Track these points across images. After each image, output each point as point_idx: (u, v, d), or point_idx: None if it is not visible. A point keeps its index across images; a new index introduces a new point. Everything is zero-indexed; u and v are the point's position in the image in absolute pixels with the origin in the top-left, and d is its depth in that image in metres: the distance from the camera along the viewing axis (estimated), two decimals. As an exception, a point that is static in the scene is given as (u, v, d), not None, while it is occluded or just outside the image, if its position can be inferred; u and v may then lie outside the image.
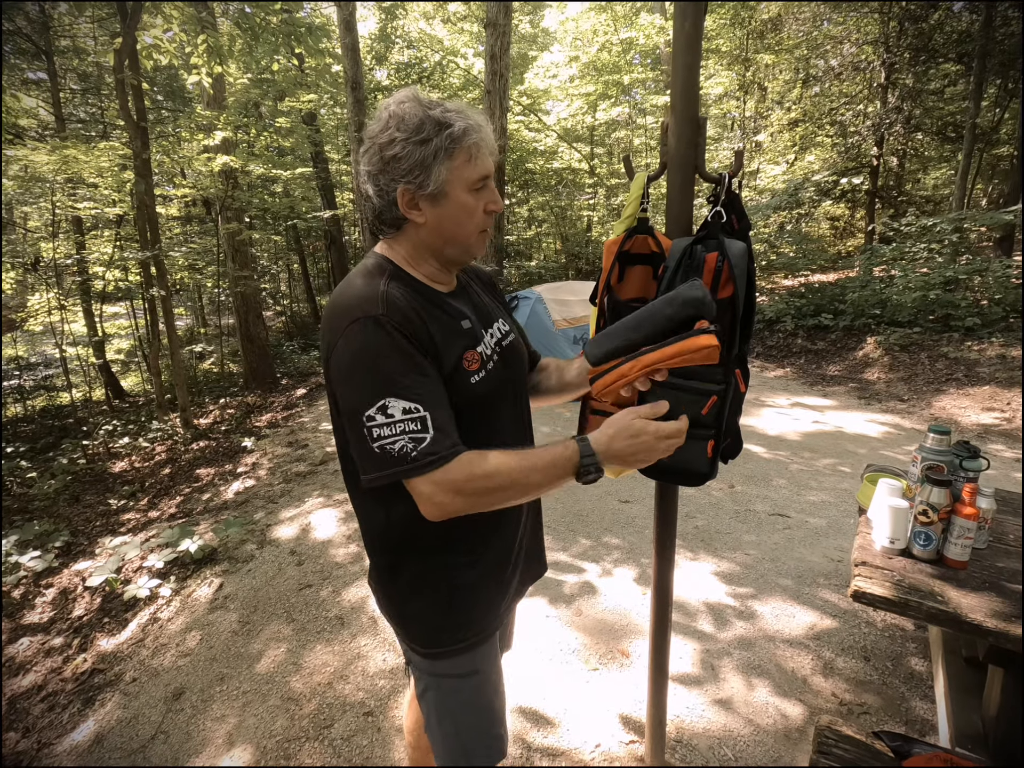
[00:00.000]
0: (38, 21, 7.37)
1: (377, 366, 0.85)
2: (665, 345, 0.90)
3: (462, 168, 0.91)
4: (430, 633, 1.04)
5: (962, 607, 1.30)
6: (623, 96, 13.12)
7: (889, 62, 9.52)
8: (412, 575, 1.03)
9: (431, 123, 0.88)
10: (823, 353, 7.23)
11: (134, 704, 2.17)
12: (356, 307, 0.88)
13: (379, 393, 0.84)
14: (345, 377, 0.87)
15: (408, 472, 0.84)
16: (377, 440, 0.84)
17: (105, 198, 6.88)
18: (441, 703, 1.09)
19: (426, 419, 0.84)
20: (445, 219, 0.94)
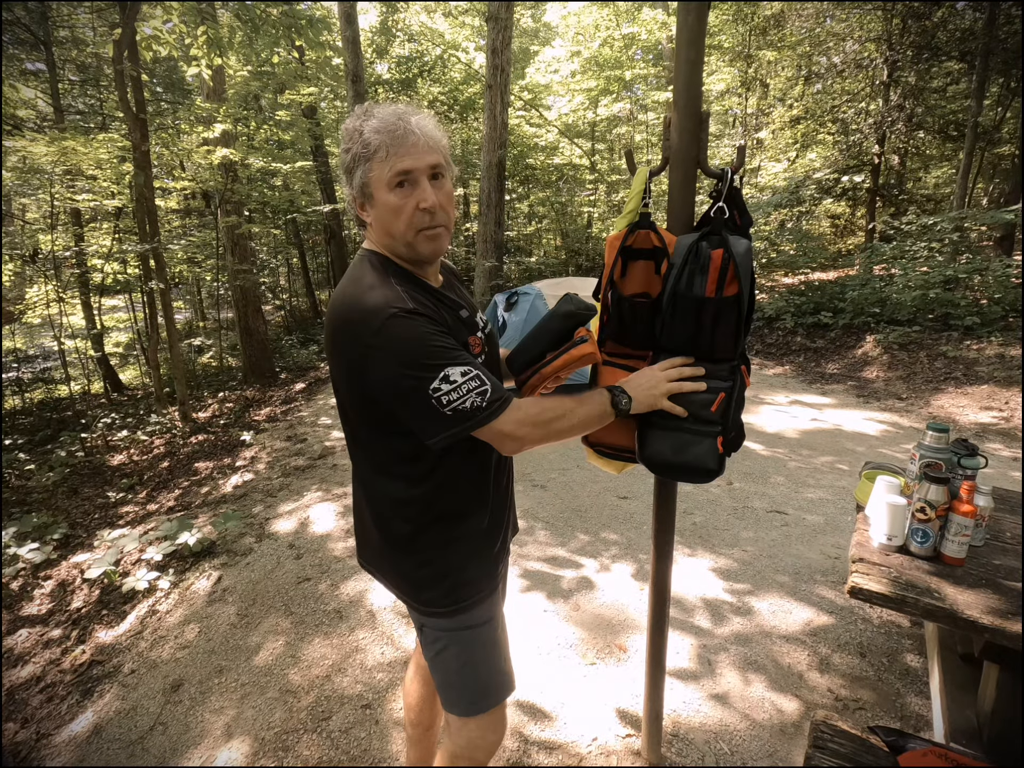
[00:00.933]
0: (37, 11, 7.32)
1: (428, 345, 0.94)
2: (556, 358, 1.17)
3: (376, 168, 0.97)
4: (452, 591, 1.13)
5: (958, 603, 1.31)
6: (625, 92, 13.09)
7: (892, 60, 9.49)
8: (435, 540, 1.11)
9: (354, 132, 0.98)
10: (822, 351, 7.24)
11: (132, 696, 2.18)
12: (385, 304, 0.95)
13: (439, 366, 0.93)
14: (401, 363, 0.94)
15: (487, 418, 0.96)
16: (449, 404, 0.94)
17: (104, 190, 6.84)
18: (462, 654, 1.17)
19: (480, 375, 0.96)
20: (379, 218, 1.02)
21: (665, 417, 1.23)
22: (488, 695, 1.21)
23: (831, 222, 13.83)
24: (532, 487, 3.79)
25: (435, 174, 1.00)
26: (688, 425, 1.21)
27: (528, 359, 1.22)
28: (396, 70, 13.35)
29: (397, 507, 1.11)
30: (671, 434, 1.23)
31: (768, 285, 9.75)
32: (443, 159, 1.01)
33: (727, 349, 1.20)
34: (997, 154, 10.76)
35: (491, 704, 1.21)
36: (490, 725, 1.23)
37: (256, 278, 8.40)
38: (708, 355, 1.22)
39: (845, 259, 10.36)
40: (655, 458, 1.26)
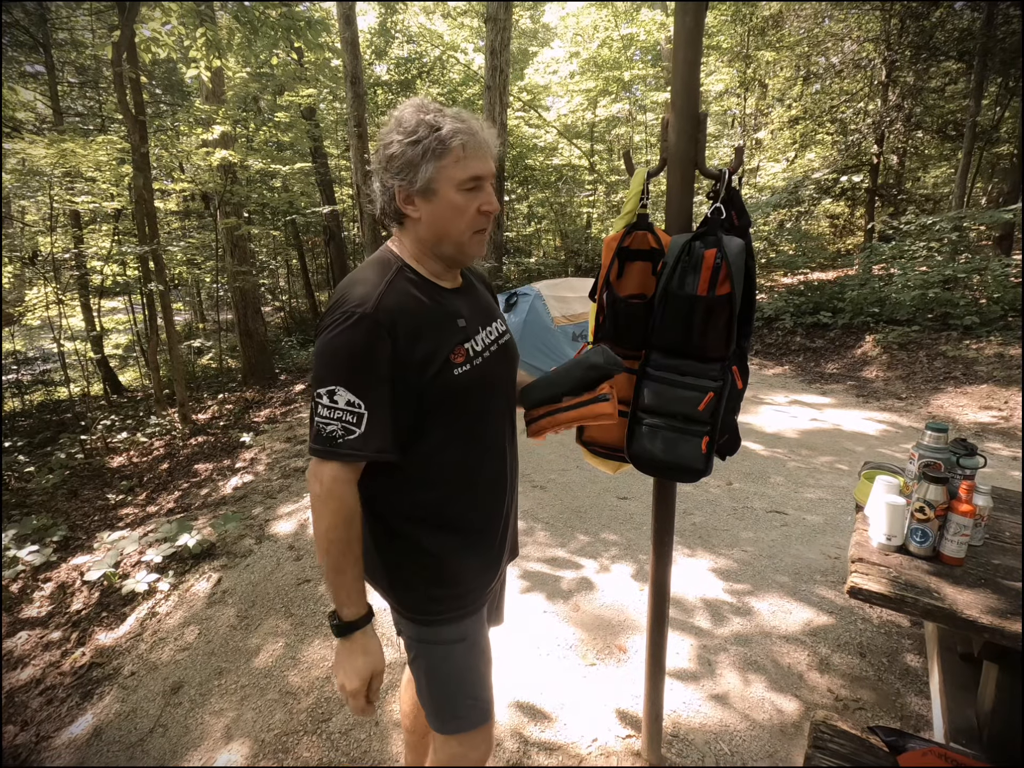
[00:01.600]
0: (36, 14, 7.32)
1: (342, 356, 0.95)
2: (573, 408, 1.15)
3: (450, 168, 0.97)
4: (421, 602, 1.10)
5: (958, 603, 1.31)
6: (623, 92, 13.08)
7: (890, 60, 9.49)
8: (403, 544, 1.09)
9: (424, 126, 0.96)
10: (822, 351, 7.24)
11: (132, 698, 2.17)
12: (352, 300, 0.96)
13: (333, 380, 0.94)
14: (317, 356, 0.97)
15: (322, 453, 0.96)
16: (317, 418, 0.95)
17: (103, 192, 6.84)
18: (431, 669, 1.14)
19: (363, 417, 0.94)
20: (436, 216, 1.00)
21: (652, 414, 1.24)
22: (457, 718, 1.17)
23: (830, 222, 13.83)
24: (532, 488, 3.78)
25: (491, 182, 1.04)
26: (676, 424, 1.22)
27: (544, 398, 1.19)
28: (395, 71, 13.35)
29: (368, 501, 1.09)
30: (658, 432, 1.23)
31: (767, 285, 9.76)
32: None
33: (718, 348, 1.21)
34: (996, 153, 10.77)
35: (462, 728, 1.17)
36: (470, 745, 1.19)
37: (255, 280, 8.40)
38: (699, 354, 1.22)
39: (844, 259, 10.36)
40: (641, 455, 1.27)
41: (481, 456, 1.11)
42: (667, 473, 1.30)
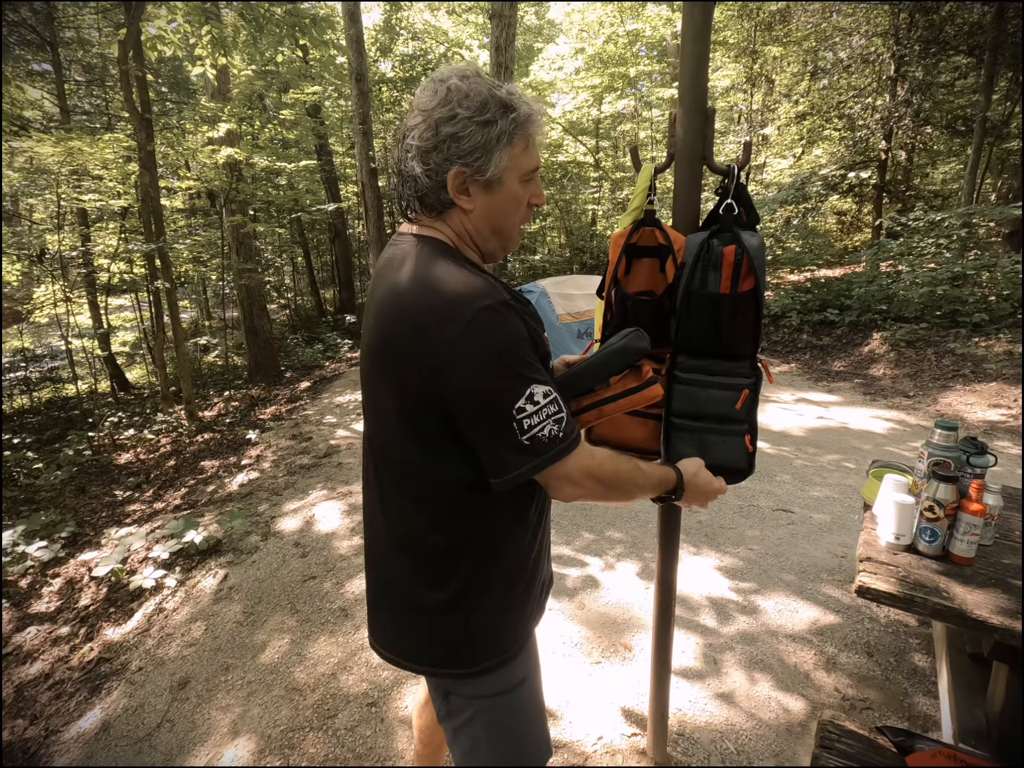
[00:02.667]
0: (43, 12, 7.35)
1: (521, 354, 0.81)
2: (623, 397, 1.08)
3: (519, 156, 0.86)
4: (490, 645, 0.96)
5: (967, 603, 1.30)
6: (629, 89, 13.01)
7: (899, 54, 9.40)
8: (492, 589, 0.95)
9: (496, 104, 0.83)
10: (828, 349, 7.20)
11: (140, 693, 2.19)
12: (477, 294, 0.79)
13: (527, 381, 0.79)
14: (488, 367, 0.78)
15: (561, 454, 0.82)
16: (528, 431, 0.79)
17: (110, 190, 6.88)
18: (494, 723, 1.00)
19: (558, 399, 0.83)
20: (495, 208, 0.88)
21: (691, 418, 1.22)
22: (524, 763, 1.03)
23: (837, 219, 13.73)
24: (537, 485, 3.78)
25: None
26: (715, 425, 1.20)
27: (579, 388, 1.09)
28: (400, 68, 13.34)
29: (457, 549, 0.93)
30: (698, 436, 1.22)
31: (774, 282, 9.71)
32: None
33: (746, 344, 1.20)
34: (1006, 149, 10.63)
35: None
36: None
37: (261, 277, 8.42)
38: (728, 352, 1.21)
39: (851, 256, 10.29)
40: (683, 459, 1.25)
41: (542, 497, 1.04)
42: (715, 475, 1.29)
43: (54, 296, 6.70)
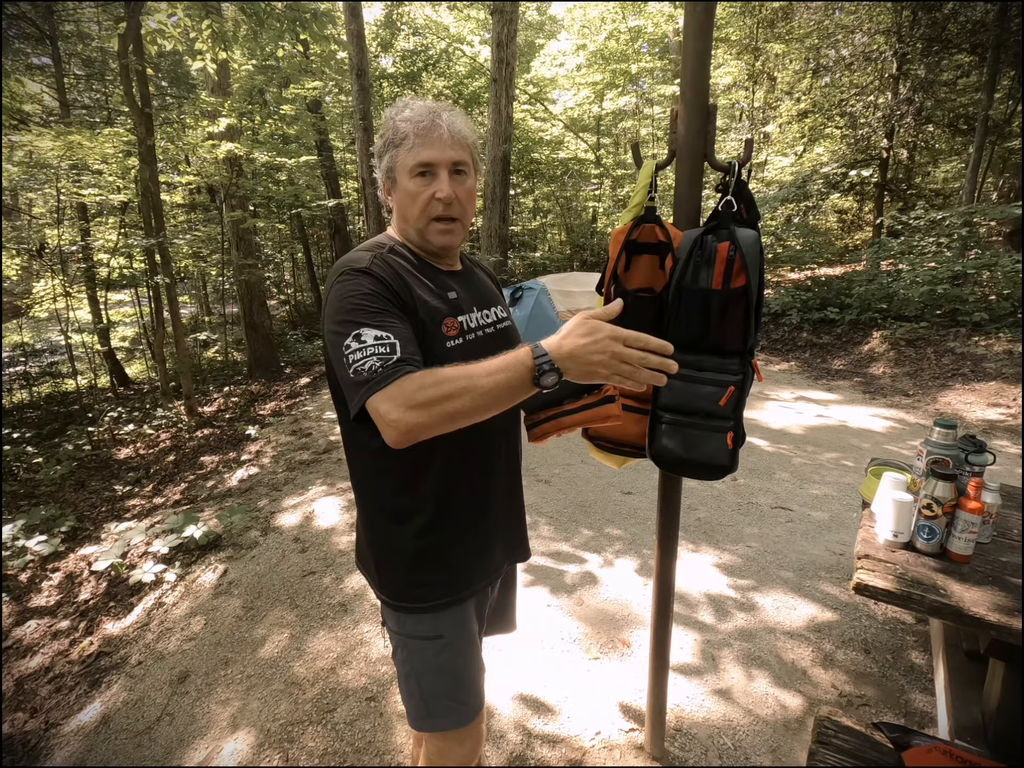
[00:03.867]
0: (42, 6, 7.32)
1: (356, 303, 0.92)
2: (578, 411, 1.10)
3: (403, 156, 1.01)
4: (399, 587, 1.10)
5: (965, 601, 1.30)
6: (630, 85, 12.99)
7: (901, 52, 9.37)
8: (386, 522, 1.09)
9: (388, 120, 1.04)
10: (828, 347, 7.20)
11: (140, 687, 2.20)
12: (347, 264, 0.99)
13: (355, 323, 0.90)
14: (330, 318, 0.94)
15: (372, 387, 0.84)
16: (352, 365, 0.87)
17: (110, 185, 6.86)
18: (407, 661, 1.13)
19: (395, 345, 0.88)
20: (398, 203, 1.06)
21: (673, 412, 1.22)
22: (431, 717, 1.14)
23: (838, 217, 13.70)
24: (536, 482, 3.79)
25: (457, 170, 1.03)
26: (698, 420, 1.20)
27: (546, 400, 1.13)
28: (401, 64, 13.29)
29: (354, 484, 1.13)
30: (680, 430, 1.22)
31: (774, 280, 9.70)
32: (468, 157, 1.05)
33: (736, 341, 1.20)
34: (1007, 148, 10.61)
35: (435, 727, 1.15)
36: (455, 740, 1.16)
37: (261, 273, 8.42)
38: (717, 348, 1.21)
39: (852, 254, 10.28)
40: (664, 455, 1.25)
41: (473, 438, 1.02)
42: (692, 471, 1.28)
43: (54, 291, 6.70)
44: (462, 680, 1.14)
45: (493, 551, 1.16)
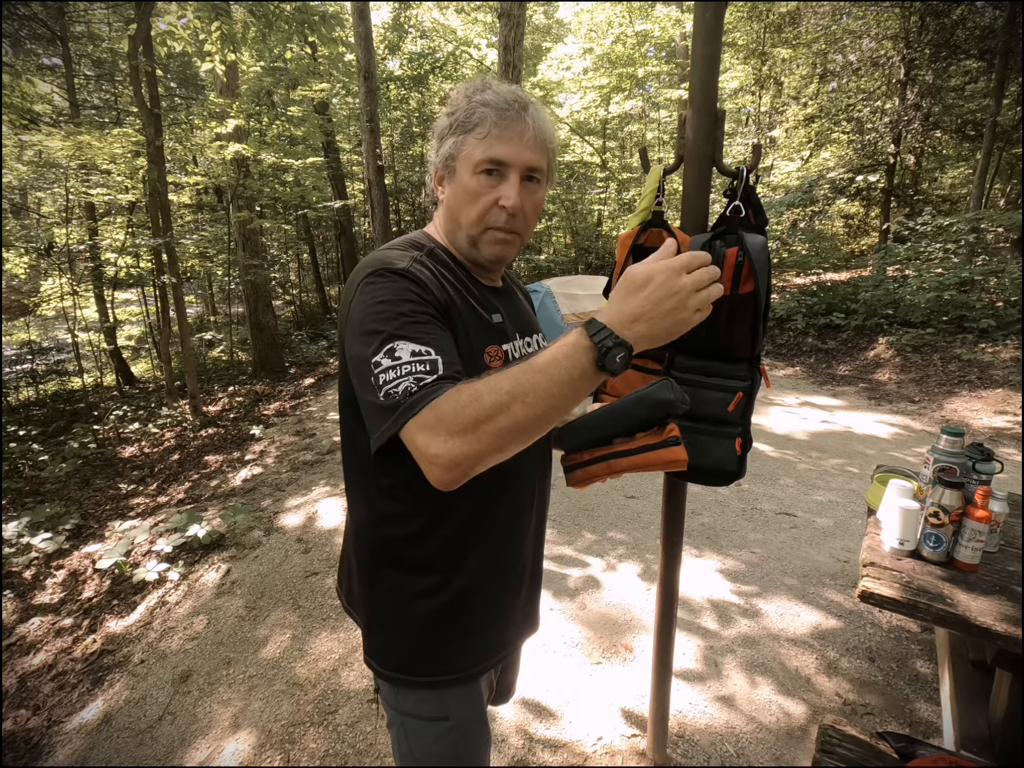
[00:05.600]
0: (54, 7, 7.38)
1: (391, 310, 0.75)
2: (637, 453, 0.92)
3: (470, 145, 0.84)
4: (397, 655, 0.92)
5: (971, 610, 1.29)
6: (637, 89, 13.00)
7: (909, 58, 9.35)
8: (389, 587, 0.92)
9: (462, 99, 0.86)
10: (834, 352, 7.17)
11: (142, 685, 2.20)
12: (380, 263, 0.81)
13: (390, 336, 0.73)
14: (358, 326, 0.76)
15: (403, 413, 0.69)
16: (383, 387, 0.71)
17: (118, 184, 6.90)
18: (402, 742, 0.96)
19: (437, 362, 0.72)
20: (451, 197, 0.88)
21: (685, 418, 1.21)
22: None
23: (844, 222, 13.67)
24: (539, 485, 3.78)
25: (531, 176, 0.86)
26: (706, 427, 1.20)
27: (587, 439, 0.97)
28: (408, 66, 13.35)
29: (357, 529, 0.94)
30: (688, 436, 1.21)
31: (780, 285, 9.68)
32: (546, 164, 0.89)
33: (744, 347, 1.19)
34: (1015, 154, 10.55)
35: None
36: None
37: (267, 273, 8.45)
38: (725, 354, 1.21)
39: (858, 260, 10.25)
40: None
41: (503, 490, 0.90)
42: (700, 478, 1.27)
43: (61, 289, 6.74)
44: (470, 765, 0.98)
45: (516, 617, 1.01)
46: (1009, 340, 5.97)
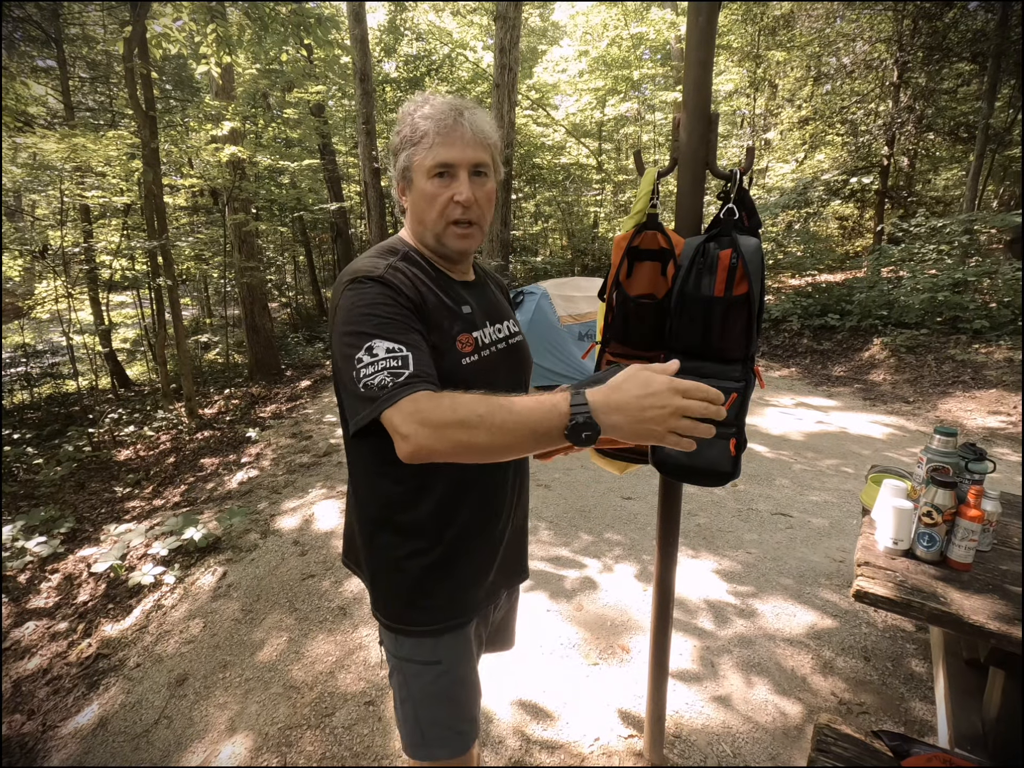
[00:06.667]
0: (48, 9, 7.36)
1: (369, 313, 0.89)
2: None
3: (421, 154, 0.96)
4: (396, 609, 1.06)
5: (965, 609, 1.30)
6: (632, 92, 13.03)
7: (902, 61, 9.42)
8: (385, 549, 1.05)
9: (406, 116, 0.98)
10: (829, 353, 7.20)
11: (138, 689, 2.19)
12: (359, 270, 0.94)
13: (367, 335, 0.87)
14: (341, 328, 0.90)
15: (383, 402, 0.81)
16: (362, 379, 0.84)
17: (113, 187, 6.89)
18: (402, 686, 1.09)
19: (408, 358, 0.85)
20: (413, 204, 1.01)
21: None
22: (427, 746, 1.09)
23: (839, 224, 13.74)
24: (536, 486, 3.79)
25: (477, 171, 0.98)
26: None
27: None
28: (404, 69, 13.37)
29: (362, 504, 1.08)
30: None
31: (775, 287, 9.72)
32: (490, 158, 0.99)
33: (738, 348, 1.20)
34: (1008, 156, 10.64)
35: (428, 757, 1.10)
36: None
37: (263, 275, 8.43)
38: (719, 355, 1.22)
39: (853, 261, 10.30)
40: (667, 462, 1.26)
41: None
42: (694, 478, 1.27)
43: (56, 292, 6.71)
44: (459, 708, 1.10)
45: (496, 573, 1.13)
46: (1003, 341, 6.01)
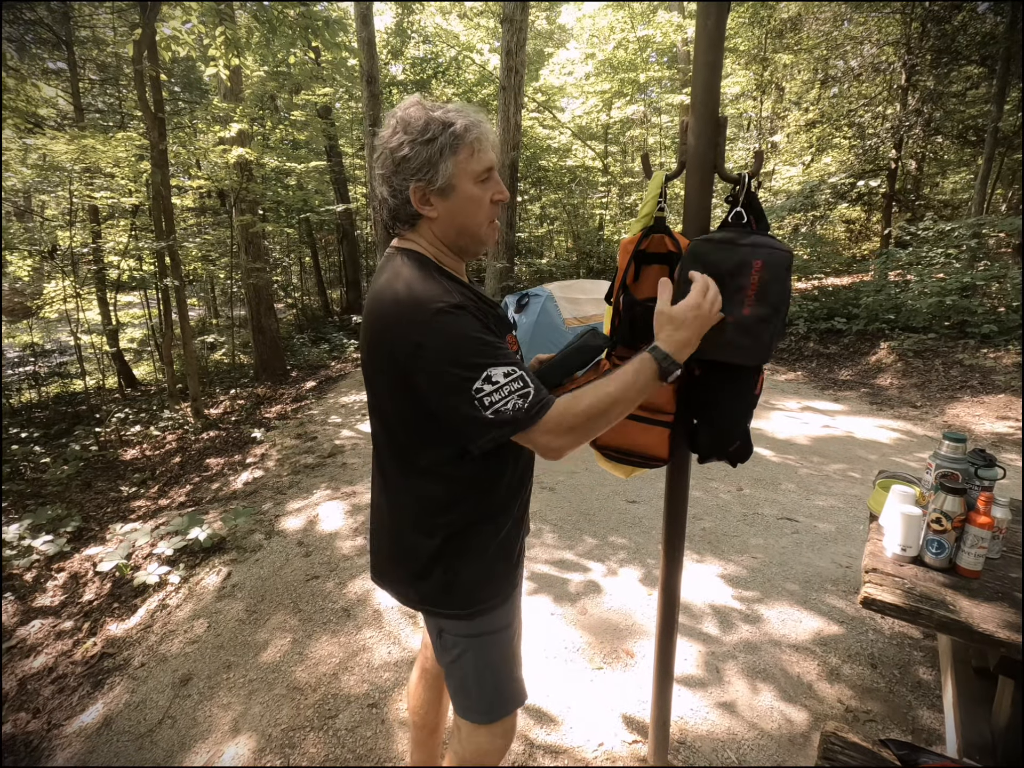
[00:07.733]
0: (59, 11, 7.43)
1: (473, 343, 0.93)
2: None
3: (466, 162, 0.99)
4: (476, 592, 1.13)
5: (974, 617, 1.29)
6: (639, 94, 13.04)
7: (910, 63, 9.37)
8: (468, 542, 1.11)
9: (435, 123, 0.98)
10: (835, 357, 7.17)
11: (142, 689, 2.20)
12: (433, 298, 0.95)
13: (482, 365, 0.92)
14: (447, 360, 0.93)
15: (527, 423, 0.92)
16: (491, 407, 0.91)
17: (121, 188, 6.94)
18: (481, 659, 1.17)
19: (523, 376, 0.94)
20: (456, 211, 1.02)
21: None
22: (504, 703, 1.22)
23: (846, 227, 13.68)
24: (540, 489, 3.78)
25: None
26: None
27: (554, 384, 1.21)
28: (411, 71, 13.42)
29: (431, 510, 1.10)
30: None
31: (781, 290, 9.65)
32: None
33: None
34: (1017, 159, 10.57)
35: (506, 712, 1.22)
36: (502, 732, 1.24)
37: (269, 276, 8.47)
38: None
39: (860, 264, 10.26)
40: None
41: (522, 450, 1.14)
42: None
43: (64, 292, 6.76)
44: (520, 657, 1.26)
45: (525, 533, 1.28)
46: (1011, 345, 5.96)
